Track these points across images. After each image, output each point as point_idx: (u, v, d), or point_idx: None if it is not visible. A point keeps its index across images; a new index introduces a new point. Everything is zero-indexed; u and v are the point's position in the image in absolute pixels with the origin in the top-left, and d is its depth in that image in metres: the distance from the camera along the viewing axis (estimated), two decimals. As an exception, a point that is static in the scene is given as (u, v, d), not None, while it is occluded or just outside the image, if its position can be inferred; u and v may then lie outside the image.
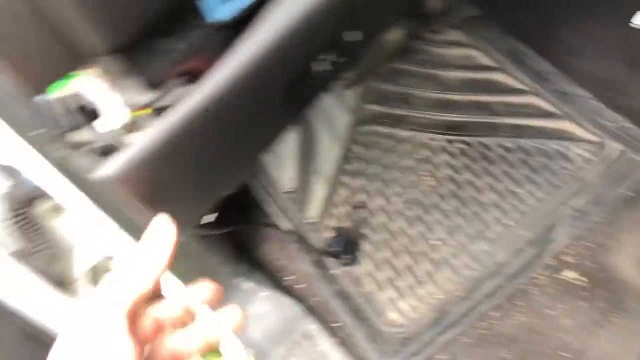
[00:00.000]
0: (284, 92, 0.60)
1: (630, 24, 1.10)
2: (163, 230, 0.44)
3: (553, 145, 1.28)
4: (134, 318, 0.42)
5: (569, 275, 1.12)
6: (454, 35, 1.51)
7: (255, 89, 0.53)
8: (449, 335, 1.16)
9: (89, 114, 0.66)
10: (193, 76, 0.62)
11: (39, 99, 0.77)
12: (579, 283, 1.11)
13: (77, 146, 0.88)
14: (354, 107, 1.49)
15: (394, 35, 1.34)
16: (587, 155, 1.24)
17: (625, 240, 1.13)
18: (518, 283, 1.15)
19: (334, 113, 1.49)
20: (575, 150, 1.25)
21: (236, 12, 0.57)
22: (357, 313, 1.23)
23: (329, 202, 1.38)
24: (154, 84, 0.59)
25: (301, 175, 1.43)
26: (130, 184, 0.46)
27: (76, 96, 0.66)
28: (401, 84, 1.49)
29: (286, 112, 0.65)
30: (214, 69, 0.54)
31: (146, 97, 0.61)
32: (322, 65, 0.63)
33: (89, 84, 0.64)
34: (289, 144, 1.46)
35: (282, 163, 1.45)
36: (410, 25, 1.39)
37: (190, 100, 0.48)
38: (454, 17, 1.51)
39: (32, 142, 0.84)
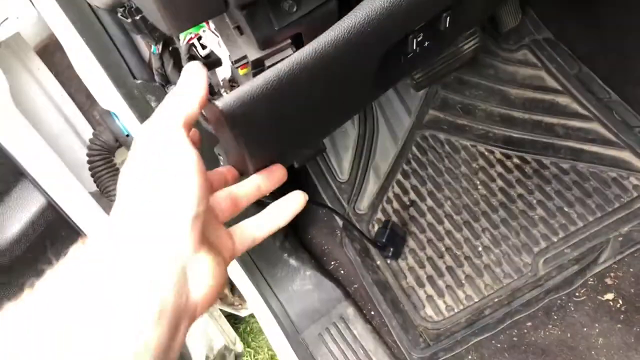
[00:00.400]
0: (379, 62, 0.65)
1: None
2: (196, 68, 0.52)
3: (609, 172, 1.30)
4: (188, 130, 0.48)
5: (609, 297, 1.14)
6: (524, 55, 1.54)
7: (356, 54, 0.58)
8: (481, 337, 1.19)
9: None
10: (296, 40, 0.69)
11: (153, 49, 0.85)
12: (617, 306, 1.12)
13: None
14: (417, 110, 1.54)
15: (466, 46, 1.39)
16: (642, 185, 1.26)
17: (670, 272, 1.15)
18: (557, 297, 1.18)
19: (397, 113, 1.54)
20: (630, 179, 1.27)
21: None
22: (394, 304, 1.28)
23: (381, 197, 1.43)
24: (264, 44, 0.65)
25: (357, 167, 1.49)
26: (229, 123, 0.52)
27: (191, 46, 0.73)
28: (466, 94, 1.53)
29: (375, 85, 0.70)
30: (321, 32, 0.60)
31: (253, 54, 0.68)
32: (413, 44, 0.69)
33: (205, 35, 0.71)
34: (348, 135, 1.52)
35: (341, 153, 1.51)
36: (482, 38, 1.43)
37: (295, 56, 0.54)
38: (526, 36, 1.55)
39: (133, 88, 0.93)
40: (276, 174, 0.60)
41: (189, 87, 0.51)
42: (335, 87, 0.63)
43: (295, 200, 0.59)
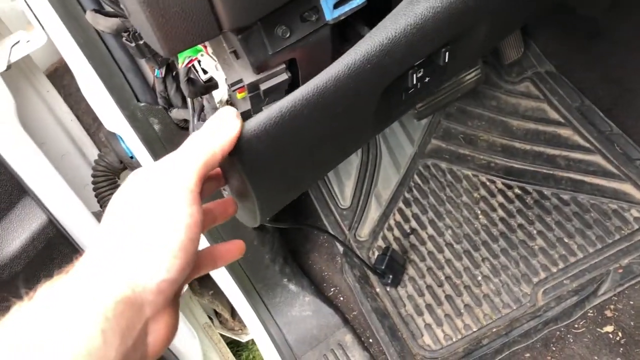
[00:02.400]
0: (380, 98, 0.67)
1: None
2: (229, 116, 0.48)
3: (610, 204, 1.30)
4: (201, 180, 0.44)
5: (608, 329, 1.13)
6: (526, 87, 1.56)
7: (356, 90, 0.59)
8: (479, 367, 1.18)
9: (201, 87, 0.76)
10: (290, 65, 0.71)
11: (156, 73, 0.88)
12: (617, 338, 1.11)
13: (179, 121, 0.98)
14: (419, 139, 1.55)
15: (468, 77, 1.41)
16: (643, 218, 1.26)
17: (670, 306, 1.14)
18: (555, 328, 1.17)
19: (400, 141, 1.56)
20: (631, 211, 1.27)
21: (343, 13, 0.65)
22: (393, 332, 1.28)
23: (382, 224, 1.44)
24: (259, 68, 0.68)
25: (359, 194, 1.50)
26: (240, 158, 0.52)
27: (191, 70, 0.76)
28: (468, 124, 1.55)
29: (377, 120, 0.72)
30: (323, 64, 0.62)
31: (249, 78, 0.70)
32: (413, 79, 0.70)
33: (203, 59, 0.74)
34: (351, 163, 1.54)
35: (343, 179, 1.53)
36: (484, 70, 1.45)
37: (297, 93, 0.55)
38: (528, 69, 1.57)
39: (136, 111, 0.95)
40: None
41: (220, 129, 0.47)
42: (337, 122, 0.64)
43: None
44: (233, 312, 1.62)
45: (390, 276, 1.31)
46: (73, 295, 0.39)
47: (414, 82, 0.72)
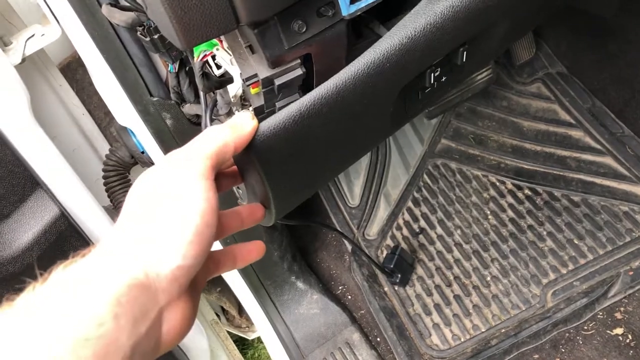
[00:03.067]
0: (397, 97, 0.66)
1: None
2: (245, 116, 0.49)
3: (620, 205, 1.29)
4: (214, 169, 0.44)
5: (618, 331, 1.12)
6: (537, 88, 1.55)
7: (375, 89, 0.59)
8: (487, 368, 1.18)
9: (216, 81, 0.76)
10: (305, 60, 0.71)
11: (170, 68, 0.88)
12: (627, 341, 1.11)
13: (191, 116, 0.98)
14: (429, 139, 1.55)
15: (479, 77, 1.41)
16: (654, 220, 1.25)
17: (681, 309, 1.13)
18: (565, 330, 1.16)
19: (409, 141, 1.55)
20: (642, 214, 1.26)
21: (359, 9, 0.65)
22: (400, 331, 1.27)
23: (391, 224, 1.44)
24: (274, 62, 0.68)
25: (368, 193, 1.50)
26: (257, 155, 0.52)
27: (205, 63, 0.76)
28: (478, 124, 1.54)
29: (393, 119, 0.72)
30: (338, 60, 0.62)
31: (264, 73, 0.70)
32: (431, 79, 0.70)
33: (218, 53, 0.74)
34: (360, 161, 1.53)
35: (352, 178, 1.52)
36: (495, 70, 1.44)
37: (317, 91, 0.55)
38: (540, 70, 1.56)
39: (149, 105, 0.95)
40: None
41: (234, 125, 0.48)
42: (355, 122, 0.64)
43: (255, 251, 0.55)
44: (240, 310, 1.62)
45: (399, 275, 1.30)
46: (86, 278, 0.38)
47: (431, 81, 0.72)
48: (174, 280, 0.41)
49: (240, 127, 0.48)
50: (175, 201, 0.42)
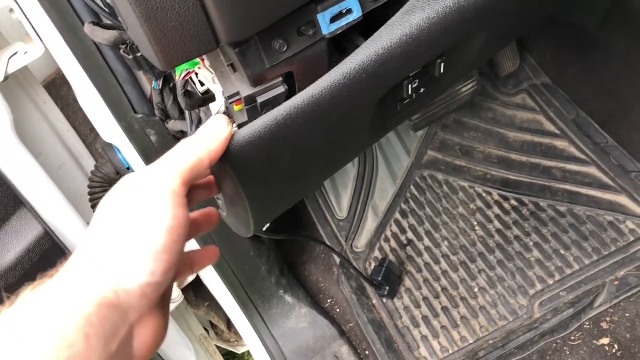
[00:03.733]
0: (376, 108, 0.67)
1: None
2: (219, 123, 0.49)
3: (606, 215, 1.30)
4: (186, 185, 0.44)
5: (604, 341, 1.13)
6: (523, 99, 1.57)
7: (352, 100, 0.59)
8: (476, 380, 1.18)
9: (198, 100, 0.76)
10: (287, 78, 0.71)
11: (154, 85, 0.88)
12: (613, 351, 1.11)
13: (176, 133, 0.98)
14: (416, 151, 1.56)
15: (464, 89, 1.42)
16: (637, 230, 1.26)
17: (666, 318, 1.14)
18: (552, 341, 1.17)
19: (396, 153, 1.56)
20: (627, 223, 1.27)
21: (340, 28, 0.66)
22: (389, 344, 1.27)
23: (379, 236, 1.44)
24: (256, 81, 0.68)
25: (355, 205, 1.50)
26: (234, 164, 0.52)
27: (188, 82, 0.76)
28: (465, 136, 1.55)
29: (372, 130, 0.72)
30: (320, 77, 0.62)
31: (246, 91, 0.70)
32: (409, 90, 0.71)
33: (200, 72, 0.74)
34: (348, 174, 1.54)
35: (340, 191, 1.53)
36: (480, 82, 1.46)
37: (292, 101, 0.55)
38: (525, 81, 1.58)
39: (133, 122, 0.95)
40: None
41: (208, 135, 0.48)
42: (333, 132, 0.64)
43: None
44: (229, 324, 1.61)
45: (387, 288, 1.30)
46: (56, 299, 0.38)
47: (409, 92, 0.73)
48: (144, 297, 0.41)
49: (214, 136, 0.48)
50: (143, 218, 0.41)
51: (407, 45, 0.60)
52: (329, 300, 1.39)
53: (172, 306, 1.34)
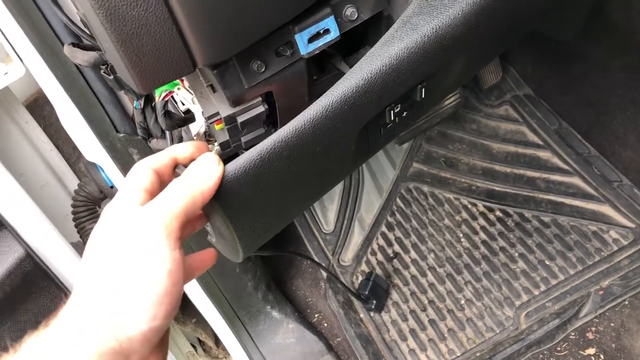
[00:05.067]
0: (359, 136, 0.67)
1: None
2: (211, 163, 0.49)
3: (589, 225, 1.31)
4: (181, 227, 0.44)
5: (590, 351, 1.13)
6: (505, 110, 1.58)
7: (334, 131, 0.59)
8: (464, 393, 1.18)
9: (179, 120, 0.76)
10: (266, 97, 0.72)
11: (135, 104, 0.88)
12: (599, 361, 1.12)
13: (158, 151, 0.98)
14: (401, 163, 1.56)
15: (447, 102, 1.43)
16: (621, 239, 1.27)
17: (650, 327, 1.14)
18: (538, 352, 1.17)
19: (382, 165, 1.57)
20: (610, 233, 1.28)
21: (317, 48, 0.66)
22: (377, 357, 1.27)
23: (365, 249, 1.44)
24: (235, 101, 0.68)
25: (342, 219, 1.50)
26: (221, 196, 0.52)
27: (168, 102, 0.76)
28: (449, 147, 1.56)
29: (356, 155, 0.72)
30: (299, 96, 0.63)
31: (226, 111, 0.70)
32: (391, 116, 0.71)
33: (180, 93, 0.74)
34: (334, 188, 1.54)
35: (326, 204, 1.53)
36: (463, 94, 1.47)
37: (276, 135, 0.55)
38: (507, 93, 1.59)
39: (116, 141, 0.95)
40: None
41: (200, 176, 0.48)
42: (317, 161, 0.64)
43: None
44: (217, 340, 1.60)
45: (374, 301, 1.30)
46: (59, 349, 0.39)
47: (392, 117, 0.73)
48: (146, 342, 0.41)
49: (206, 177, 0.48)
50: (143, 262, 0.41)
51: (387, 75, 0.61)
52: (316, 315, 1.39)
53: (159, 324, 1.33)
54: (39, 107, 1.17)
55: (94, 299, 0.41)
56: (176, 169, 0.52)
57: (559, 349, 1.16)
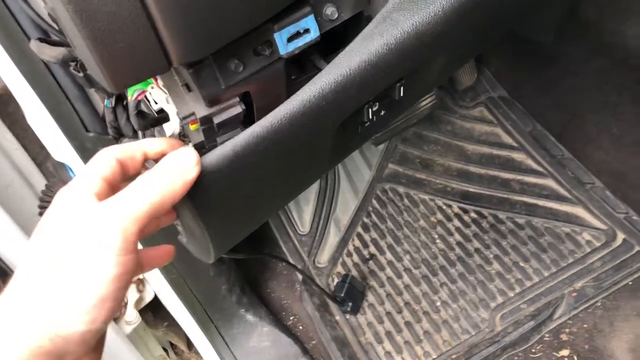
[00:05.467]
0: (336, 133, 0.66)
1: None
2: (189, 162, 0.45)
3: (563, 227, 1.32)
4: (142, 230, 0.41)
5: (564, 353, 1.14)
6: (480, 112, 1.59)
7: (312, 127, 0.58)
8: (440, 395, 1.18)
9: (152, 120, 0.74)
10: (243, 98, 0.70)
11: (106, 102, 0.85)
12: (573, 362, 1.13)
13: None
14: (377, 164, 1.56)
15: (423, 103, 1.42)
16: (593, 241, 1.28)
17: (620, 327, 1.15)
18: (513, 354, 1.18)
19: (358, 166, 1.56)
20: (583, 234, 1.30)
21: (297, 48, 0.64)
22: (353, 361, 1.26)
23: (341, 250, 1.43)
24: (211, 102, 0.66)
25: (318, 220, 1.49)
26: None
27: (141, 102, 0.73)
28: (424, 149, 1.56)
29: (333, 153, 0.71)
30: (277, 97, 0.61)
31: (201, 112, 0.68)
32: (369, 114, 0.70)
33: (153, 92, 0.71)
34: (309, 188, 1.52)
35: (302, 205, 1.51)
36: (439, 96, 1.47)
37: (251, 130, 0.53)
38: (482, 94, 1.60)
39: (85, 141, 0.92)
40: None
41: (173, 176, 0.44)
42: (293, 158, 0.63)
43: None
44: (189, 343, 1.57)
45: (350, 304, 1.29)
46: None
47: (370, 116, 0.72)
48: (82, 343, 0.39)
49: (180, 176, 0.44)
50: (89, 262, 0.39)
51: (365, 71, 0.59)
52: (291, 318, 1.37)
53: (129, 328, 1.30)
54: (4, 104, 1.12)
55: (31, 292, 0.38)
56: (145, 163, 0.48)
57: (533, 350, 1.17)
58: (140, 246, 0.43)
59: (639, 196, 1.30)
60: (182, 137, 0.78)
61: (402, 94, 0.73)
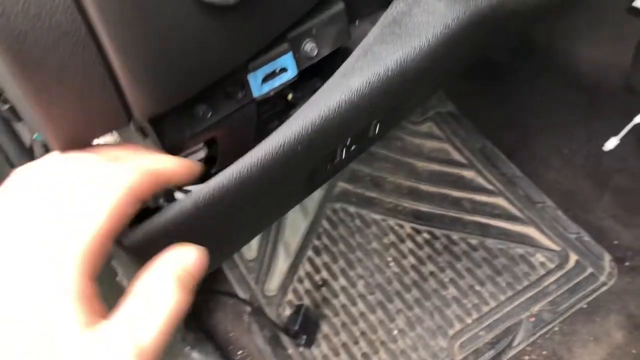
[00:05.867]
0: (309, 173, 0.59)
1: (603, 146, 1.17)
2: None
3: (516, 248, 1.31)
4: (92, 278, 0.34)
5: (526, 382, 1.12)
6: (429, 127, 1.56)
7: (283, 172, 0.52)
8: None
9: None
10: (209, 143, 0.61)
11: (35, 135, 0.73)
12: (534, 391, 1.11)
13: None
14: (327, 183, 1.49)
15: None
16: (547, 262, 1.28)
17: (579, 354, 1.15)
18: (475, 385, 1.15)
19: (306, 186, 1.48)
20: (536, 256, 1.29)
21: (272, 89, 0.56)
22: (308, 397, 1.19)
23: (292, 276, 1.35)
24: (172, 150, 0.56)
25: (265, 244, 1.40)
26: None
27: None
28: (374, 166, 1.51)
29: (304, 191, 0.65)
30: (246, 140, 0.53)
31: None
32: (343, 153, 0.63)
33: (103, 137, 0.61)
34: (256, 210, 1.44)
35: (248, 230, 1.42)
36: (390, 112, 1.42)
37: (215, 181, 0.46)
38: (431, 109, 1.57)
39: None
40: None
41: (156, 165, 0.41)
42: (260, 204, 0.56)
43: None
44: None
45: (304, 336, 1.22)
46: None
47: (342, 155, 0.66)
48: None
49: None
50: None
51: (345, 112, 0.53)
52: (239, 352, 1.28)
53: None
54: None
55: None
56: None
57: (495, 380, 1.14)
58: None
59: (590, 216, 1.30)
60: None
61: (377, 132, 0.67)
